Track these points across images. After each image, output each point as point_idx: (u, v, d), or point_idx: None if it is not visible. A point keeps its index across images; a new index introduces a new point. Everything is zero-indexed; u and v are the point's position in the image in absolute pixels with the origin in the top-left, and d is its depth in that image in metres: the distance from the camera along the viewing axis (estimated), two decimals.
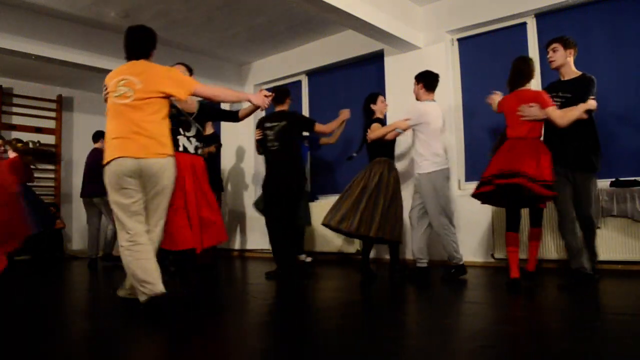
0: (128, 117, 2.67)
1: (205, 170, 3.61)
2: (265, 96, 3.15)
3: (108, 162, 2.65)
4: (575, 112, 3.18)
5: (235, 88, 6.94)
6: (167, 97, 2.76)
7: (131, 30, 2.85)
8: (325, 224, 3.98)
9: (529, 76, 3.41)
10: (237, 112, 3.85)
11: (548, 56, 3.45)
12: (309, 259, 5.45)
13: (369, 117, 4.23)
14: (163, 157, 2.69)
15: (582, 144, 3.26)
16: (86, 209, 5.89)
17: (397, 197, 4.02)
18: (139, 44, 2.82)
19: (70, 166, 7.64)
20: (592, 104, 3.22)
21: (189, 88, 2.79)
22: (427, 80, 3.98)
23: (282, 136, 4.22)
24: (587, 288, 3.11)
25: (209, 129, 5.46)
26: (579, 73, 3.37)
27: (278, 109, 4.39)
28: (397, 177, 4.10)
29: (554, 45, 3.41)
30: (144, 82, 2.69)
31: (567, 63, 3.39)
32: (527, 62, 3.46)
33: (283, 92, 4.42)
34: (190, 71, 3.64)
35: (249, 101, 3.19)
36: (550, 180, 3.14)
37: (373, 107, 4.22)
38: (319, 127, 4.33)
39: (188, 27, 5.57)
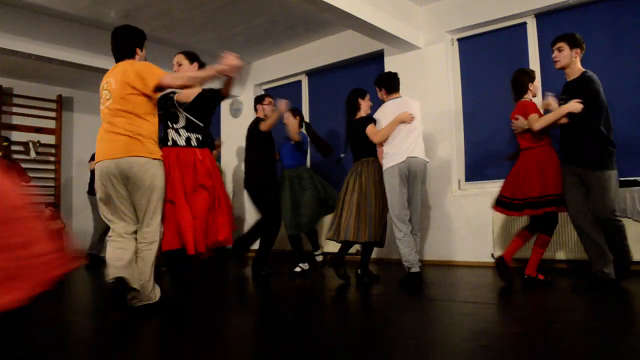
0: (107, 120, 2.74)
1: (202, 162, 3.17)
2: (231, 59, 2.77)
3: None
4: (550, 116, 3.22)
5: (235, 88, 6.94)
6: (142, 92, 2.70)
7: (115, 31, 2.85)
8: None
9: (524, 88, 3.49)
10: (218, 90, 3.35)
11: (553, 55, 3.25)
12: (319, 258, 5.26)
13: (354, 114, 4.00)
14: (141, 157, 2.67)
15: (587, 141, 3.12)
16: (93, 207, 5.96)
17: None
18: (121, 44, 2.82)
19: (70, 166, 7.63)
20: (570, 107, 3.09)
21: (152, 80, 2.69)
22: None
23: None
24: (596, 291, 3.05)
25: None
26: (581, 72, 3.18)
27: None
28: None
29: (560, 44, 3.19)
30: (117, 82, 2.70)
31: (572, 63, 3.18)
32: (524, 73, 3.53)
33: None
34: (192, 58, 3.36)
35: (219, 72, 2.83)
36: (555, 193, 3.27)
37: (361, 102, 3.99)
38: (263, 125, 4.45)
39: (188, 27, 5.56)
